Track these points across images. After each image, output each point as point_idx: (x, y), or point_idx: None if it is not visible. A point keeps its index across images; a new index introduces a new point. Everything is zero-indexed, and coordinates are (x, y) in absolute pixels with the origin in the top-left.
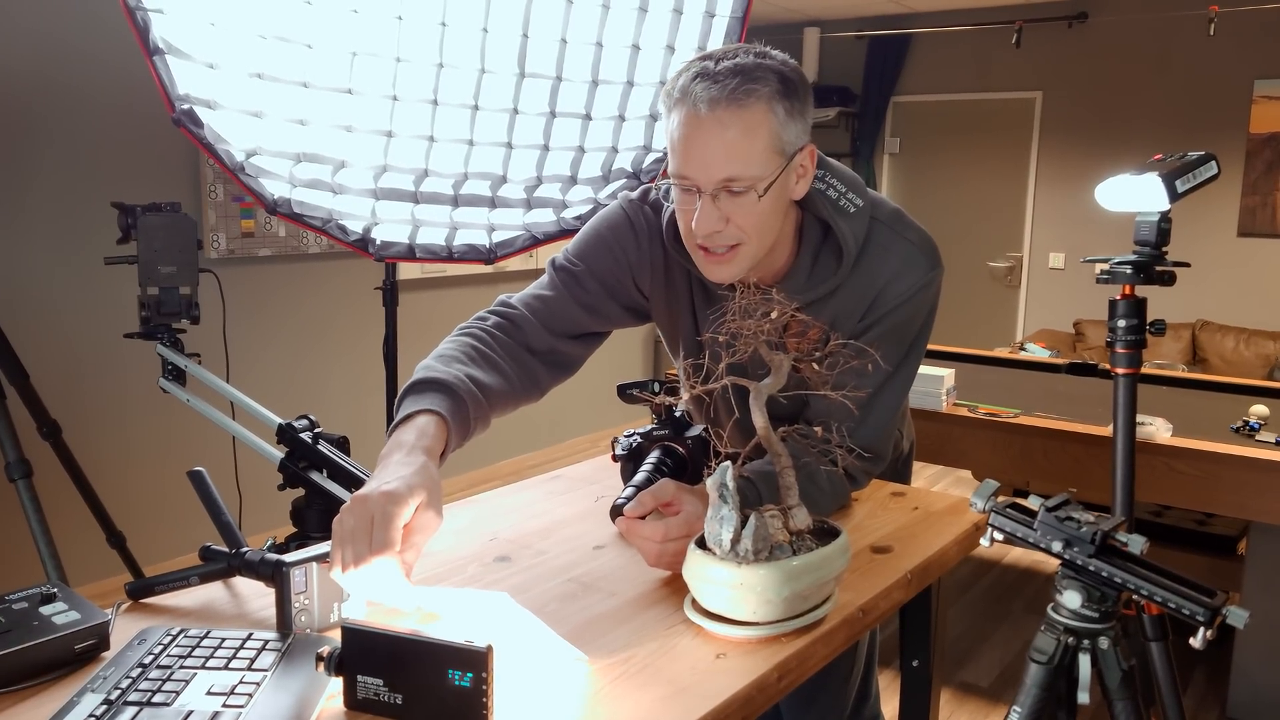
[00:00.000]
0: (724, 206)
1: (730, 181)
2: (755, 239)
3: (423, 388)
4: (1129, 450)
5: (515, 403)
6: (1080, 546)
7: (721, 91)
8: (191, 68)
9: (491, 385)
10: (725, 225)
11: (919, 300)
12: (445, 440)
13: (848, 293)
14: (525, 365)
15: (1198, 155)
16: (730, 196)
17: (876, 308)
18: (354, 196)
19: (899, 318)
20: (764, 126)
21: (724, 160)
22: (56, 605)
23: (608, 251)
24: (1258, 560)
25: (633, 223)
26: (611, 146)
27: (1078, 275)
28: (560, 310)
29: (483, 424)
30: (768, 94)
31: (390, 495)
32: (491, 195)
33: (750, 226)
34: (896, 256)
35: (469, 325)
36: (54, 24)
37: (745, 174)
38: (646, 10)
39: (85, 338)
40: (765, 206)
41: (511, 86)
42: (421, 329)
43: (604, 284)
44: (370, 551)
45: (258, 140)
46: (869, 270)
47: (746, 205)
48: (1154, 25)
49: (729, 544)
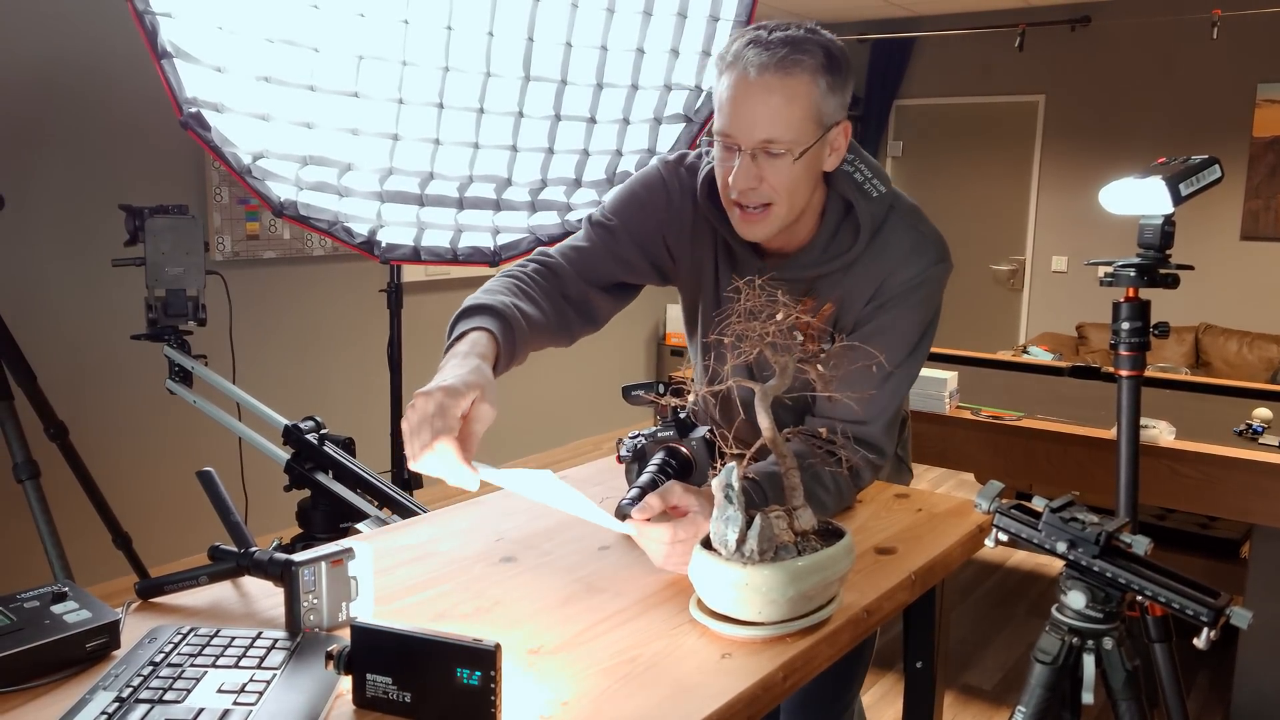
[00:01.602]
0: (761, 166)
1: (769, 143)
2: (785, 201)
3: (472, 312)
4: (1133, 452)
5: (548, 339)
6: (1084, 547)
7: (770, 59)
8: (199, 71)
9: (532, 316)
10: (759, 184)
11: (923, 292)
12: (496, 355)
13: (859, 272)
14: (559, 308)
15: (1201, 159)
16: (767, 158)
17: (882, 292)
18: (360, 199)
19: (903, 306)
20: (806, 96)
21: (766, 122)
22: (68, 604)
23: (640, 209)
24: (1261, 564)
25: (666, 183)
26: (616, 150)
27: (1080, 278)
28: (594, 261)
29: (523, 351)
30: (813, 66)
31: (448, 389)
32: (496, 198)
33: (782, 188)
34: (907, 243)
35: (511, 269)
36: (61, 27)
37: (783, 137)
38: (651, 14)
39: (92, 339)
40: (798, 171)
41: (516, 90)
42: (426, 331)
43: (635, 239)
44: (432, 438)
45: (265, 143)
46: (880, 253)
47: (781, 167)
48: (1157, 29)
49: (734, 544)
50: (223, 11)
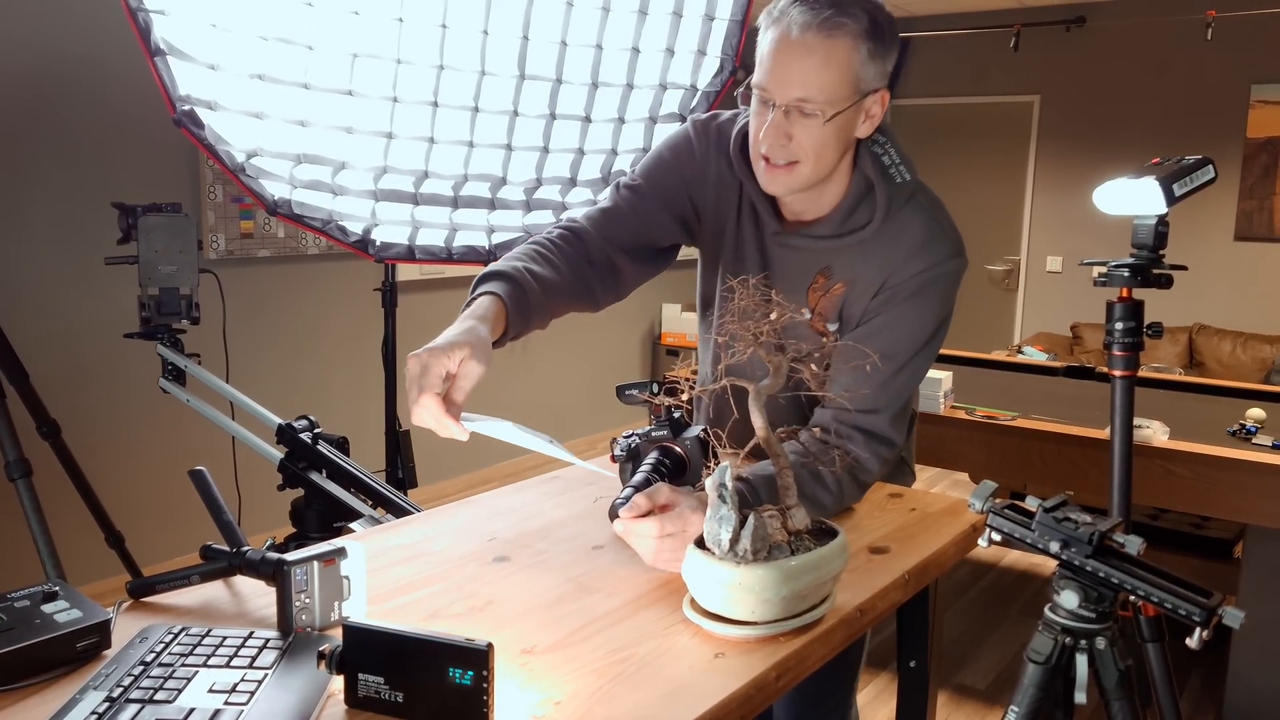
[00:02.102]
0: (792, 123)
1: (803, 102)
2: (812, 162)
3: (486, 279)
4: (1126, 452)
5: (570, 303)
6: (1078, 547)
7: (814, 18)
8: (193, 69)
9: (547, 277)
10: (788, 141)
11: (939, 286)
12: (504, 318)
13: (873, 251)
14: (579, 271)
15: (1195, 159)
16: (800, 116)
17: (892, 282)
18: (354, 198)
19: (917, 298)
20: (845, 59)
21: (801, 81)
22: (58, 603)
23: (666, 170)
24: (1254, 563)
25: (693, 141)
26: (611, 149)
27: (1075, 279)
28: (618, 222)
29: (541, 314)
30: (855, 31)
31: (433, 350)
32: (491, 197)
33: (810, 148)
34: (923, 233)
35: (536, 236)
36: (54, 24)
37: (817, 98)
38: (646, 13)
39: (85, 338)
40: (828, 133)
41: (511, 89)
42: (420, 330)
43: (660, 196)
44: (419, 395)
45: (258, 141)
46: (896, 235)
47: (811, 127)
48: (1151, 30)
49: (728, 544)
50: (216, 9)
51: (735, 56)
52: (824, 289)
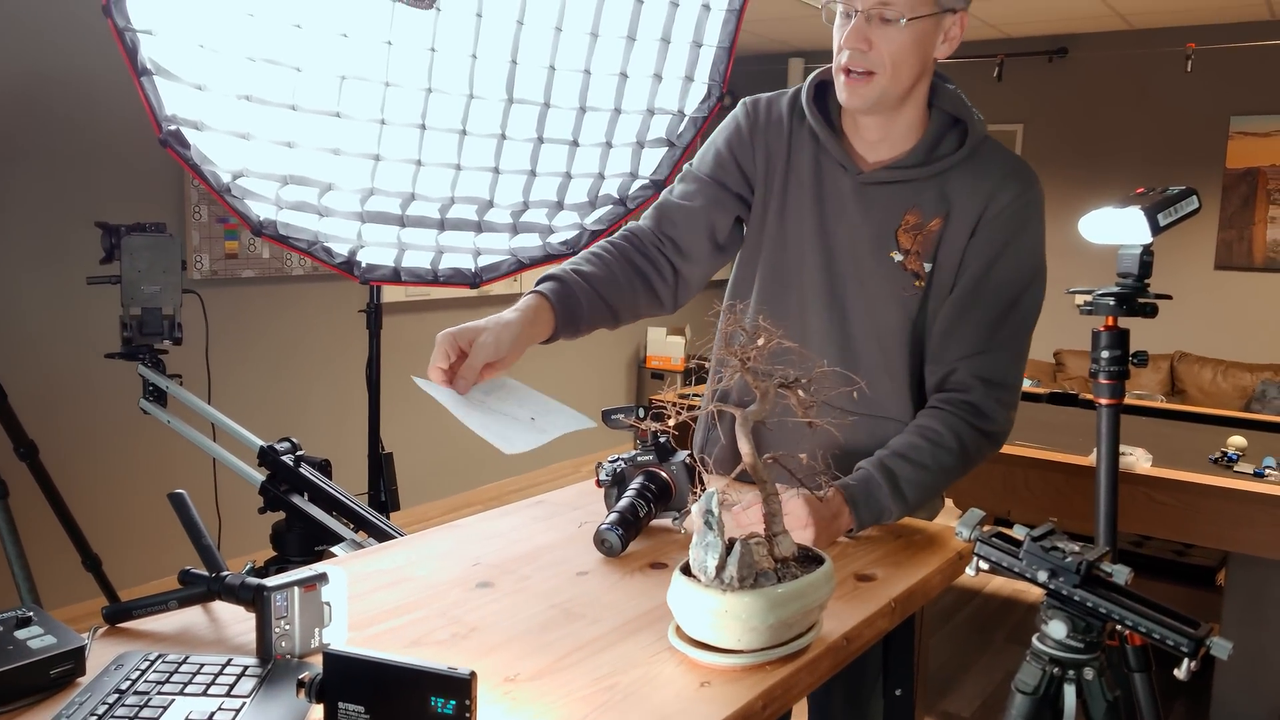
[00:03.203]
0: (872, 29)
1: (884, 6)
2: (889, 72)
3: (538, 282)
4: (1112, 480)
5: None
6: (1065, 576)
7: None
8: (179, 89)
9: (597, 275)
10: (869, 49)
11: (1032, 211)
12: (551, 315)
13: (963, 182)
14: (634, 266)
15: (1179, 189)
16: (880, 24)
17: (991, 205)
18: (340, 219)
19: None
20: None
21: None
22: (32, 629)
23: (716, 155)
24: (1236, 591)
25: (740, 121)
26: (598, 173)
27: (1058, 305)
28: (670, 214)
29: (596, 310)
30: None
31: (447, 333)
32: (478, 219)
33: (888, 56)
34: (1007, 163)
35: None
36: (38, 42)
37: (898, 1)
38: (634, 39)
39: (65, 357)
40: (907, 42)
41: (499, 112)
42: (405, 351)
43: (714, 177)
44: (430, 369)
45: (244, 162)
46: (985, 165)
47: (891, 35)
48: (1132, 61)
49: (714, 571)
50: (204, 30)
51: (722, 82)
52: (918, 228)
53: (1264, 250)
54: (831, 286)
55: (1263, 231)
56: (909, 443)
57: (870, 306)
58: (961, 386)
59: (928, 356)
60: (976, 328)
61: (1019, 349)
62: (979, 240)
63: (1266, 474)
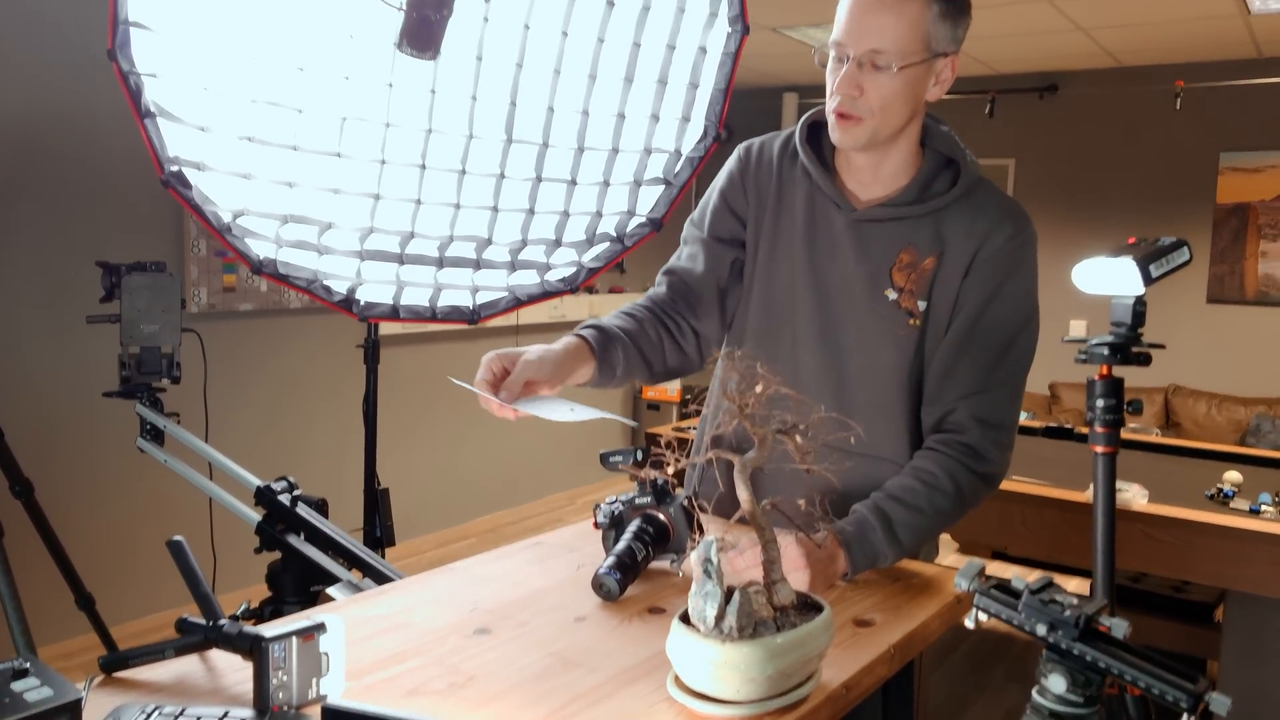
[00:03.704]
0: (864, 75)
1: (875, 53)
2: (880, 116)
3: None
4: (1109, 529)
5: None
6: (1064, 630)
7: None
8: (182, 130)
9: (631, 329)
10: (859, 94)
11: (1027, 252)
12: (590, 354)
13: (958, 222)
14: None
15: (1171, 241)
16: (872, 69)
17: (986, 246)
18: (339, 257)
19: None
20: (918, 15)
21: (875, 32)
22: (28, 681)
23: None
24: (1234, 629)
25: (733, 168)
26: (596, 211)
27: (1053, 338)
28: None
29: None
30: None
31: (493, 353)
32: (476, 257)
33: (879, 101)
34: (1001, 205)
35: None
36: (40, 83)
37: (889, 49)
38: (632, 81)
39: (62, 396)
40: (898, 87)
41: (498, 152)
42: (402, 385)
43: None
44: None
45: (245, 201)
46: (980, 205)
47: (882, 80)
48: (1122, 98)
49: (713, 620)
50: (208, 72)
51: (719, 123)
52: (912, 266)
53: (1256, 284)
54: (825, 324)
55: (1254, 266)
56: (904, 485)
57: (865, 344)
58: (958, 427)
59: (925, 397)
60: (973, 368)
61: (1015, 390)
62: (973, 281)
63: (1262, 510)
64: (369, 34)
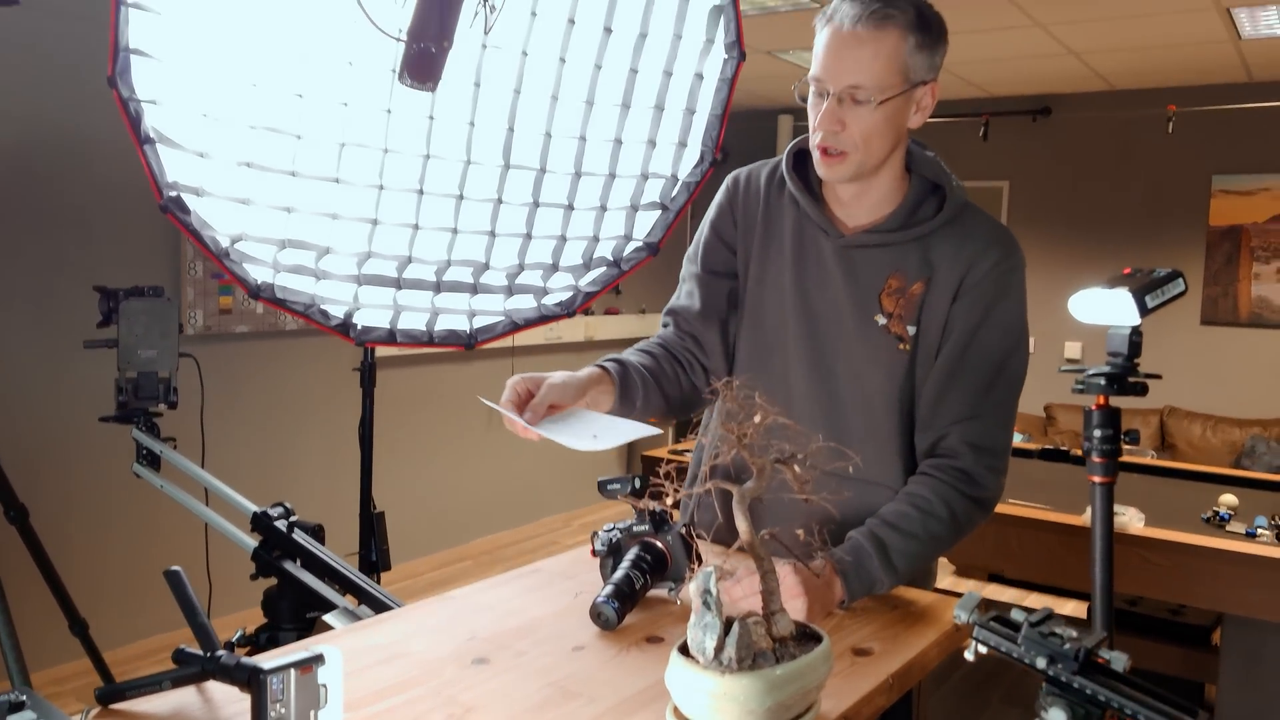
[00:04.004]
0: (845, 110)
1: (855, 89)
2: (863, 149)
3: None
4: (1107, 559)
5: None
6: (1064, 663)
7: (864, 11)
8: (181, 156)
9: (648, 364)
10: (841, 129)
11: (1016, 277)
12: (610, 384)
13: (945, 248)
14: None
15: (1166, 272)
16: (852, 104)
17: (974, 271)
18: (337, 282)
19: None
20: (894, 49)
21: (853, 69)
22: (25, 715)
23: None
24: (1232, 653)
25: (721, 199)
26: (593, 236)
27: (1047, 359)
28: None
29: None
30: (903, 22)
31: (518, 376)
32: (474, 282)
33: (861, 135)
34: (990, 229)
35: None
36: (38, 108)
37: (868, 84)
38: (629, 107)
39: (58, 420)
40: (879, 120)
41: (496, 177)
42: (399, 406)
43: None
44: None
45: (243, 226)
46: (967, 230)
47: (863, 114)
48: (1114, 122)
49: (712, 652)
50: (208, 99)
51: (715, 148)
52: (900, 291)
53: (1249, 306)
54: (815, 350)
55: (1247, 288)
56: (900, 511)
57: (856, 370)
58: (952, 452)
59: (918, 423)
60: (965, 393)
61: (1008, 414)
62: (962, 305)
63: (1258, 534)
64: (368, 61)
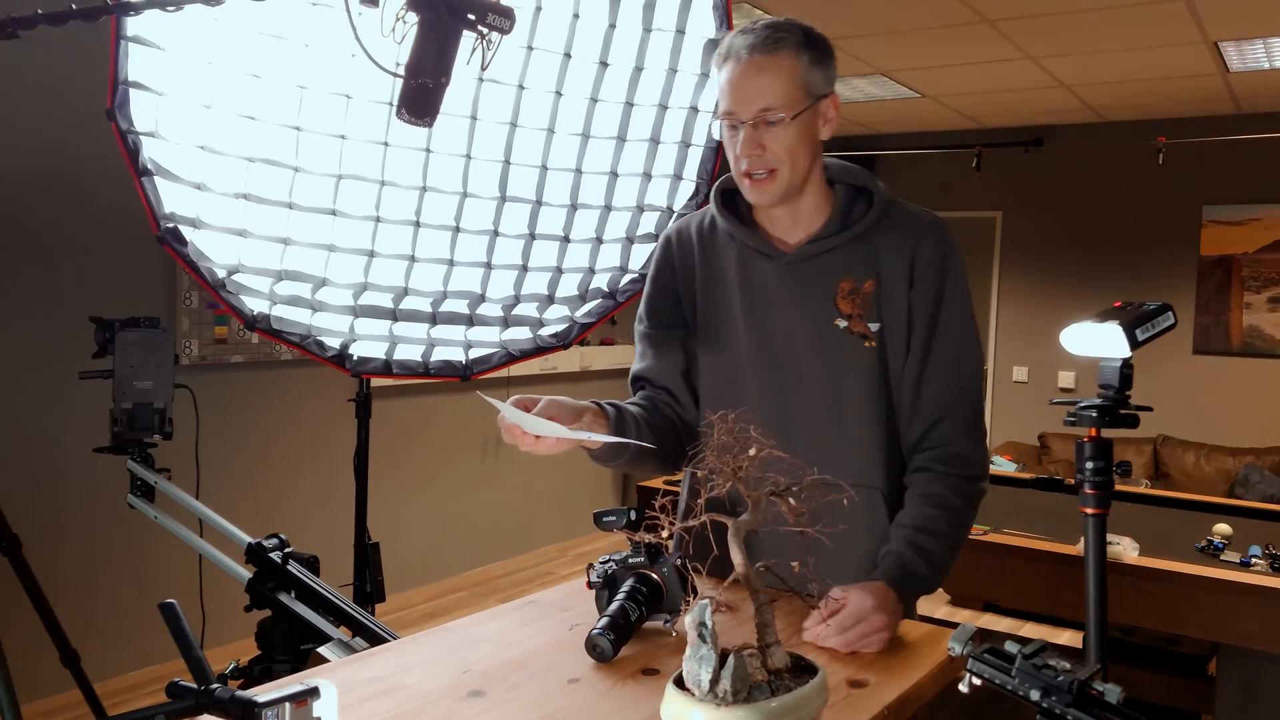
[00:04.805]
0: (761, 135)
1: (766, 112)
2: (788, 165)
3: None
4: (1101, 591)
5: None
6: (1058, 695)
7: (756, 40)
8: (178, 188)
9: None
10: (763, 152)
11: (952, 258)
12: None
13: (885, 240)
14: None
15: (1156, 305)
16: (766, 127)
17: (919, 254)
18: (333, 313)
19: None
20: (791, 69)
21: (759, 94)
22: None
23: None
24: (1227, 681)
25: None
26: (589, 267)
27: (1041, 388)
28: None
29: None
30: (794, 43)
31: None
32: (470, 313)
33: (782, 152)
34: (920, 216)
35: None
36: (35, 139)
37: (776, 104)
38: (625, 140)
39: (52, 451)
40: (795, 136)
41: (492, 210)
42: (394, 437)
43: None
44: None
45: (240, 258)
46: (899, 219)
47: (779, 133)
48: (1106, 152)
49: (708, 684)
50: (206, 132)
51: (710, 180)
52: (854, 292)
53: (1240, 335)
54: (776, 369)
55: (1239, 318)
56: (924, 514)
57: (825, 378)
58: (946, 440)
59: (902, 415)
60: (944, 375)
61: (980, 386)
62: (920, 290)
63: (1253, 563)
64: (365, 95)
